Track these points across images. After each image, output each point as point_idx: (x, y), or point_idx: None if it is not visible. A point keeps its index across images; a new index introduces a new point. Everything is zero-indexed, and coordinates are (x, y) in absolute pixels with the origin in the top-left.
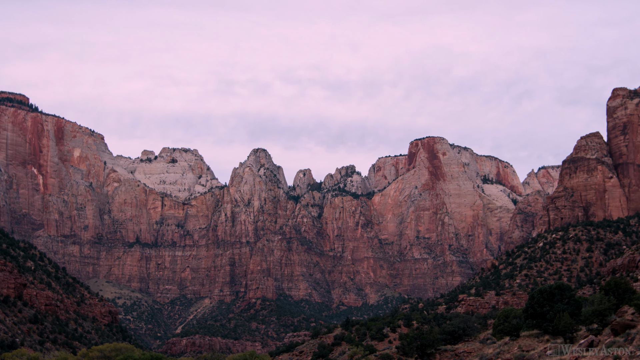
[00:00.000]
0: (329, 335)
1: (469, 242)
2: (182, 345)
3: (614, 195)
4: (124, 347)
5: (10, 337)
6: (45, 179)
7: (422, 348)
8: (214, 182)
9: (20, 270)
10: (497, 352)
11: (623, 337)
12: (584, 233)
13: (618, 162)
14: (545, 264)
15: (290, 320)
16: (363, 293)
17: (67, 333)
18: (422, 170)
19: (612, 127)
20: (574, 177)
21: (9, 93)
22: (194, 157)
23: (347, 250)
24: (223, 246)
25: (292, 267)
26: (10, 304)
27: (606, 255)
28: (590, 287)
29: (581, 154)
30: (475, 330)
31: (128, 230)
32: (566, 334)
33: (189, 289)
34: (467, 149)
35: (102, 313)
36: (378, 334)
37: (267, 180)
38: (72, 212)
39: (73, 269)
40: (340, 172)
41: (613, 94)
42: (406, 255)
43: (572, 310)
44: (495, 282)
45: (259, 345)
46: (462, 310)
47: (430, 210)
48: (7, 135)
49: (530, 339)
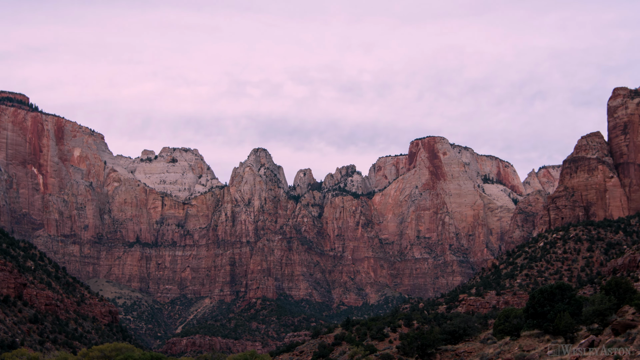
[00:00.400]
0: (329, 335)
1: (469, 241)
2: (183, 345)
3: (615, 195)
4: (124, 347)
5: (10, 337)
6: (45, 179)
7: (422, 348)
8: (214, 182)
9: (20, 270)
10: (497, 352)
11: (624, 337)
12: (584, 233)
13: (619, 161)
14: (546, 264)
15: (291, 320)
16: (363, 293)
17: (67, 333)
18: (422, 170)
19: (613, 126)
20: (575, 177)
21: (9, 92)
22: (194, 156)
23: (347, 250)
24: (223, 246)
25: (292, 266)
26: (10, 304)
27: (607, 255)
28: (590, 287)
29: (582, 153)
30: (476, 330)
31: (128, 230)
32: (567, 333)
33: (189, 288)
34: (467, 148)
35: (102, 313)
36: (378, 333)
37: (267, 180)
38: (72, 211)
39: (73, 268)
40: (340, 172)
41: (614, 93)
42: (406, 255)
43: (572, 310)
44: (495, 282)
45: (260, 345)
46: (463, 310)
47: (430, 210)
48: (7, 135)
49: (531, 339)
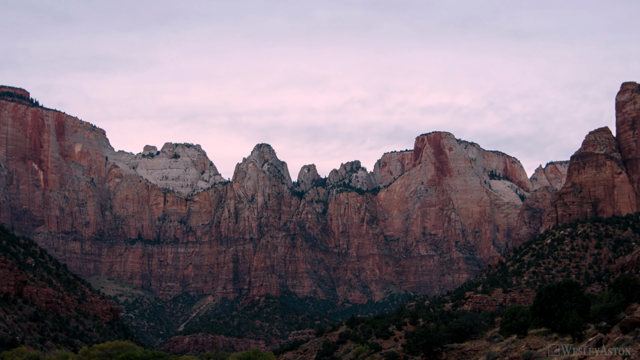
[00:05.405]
0: (333, 333)
1: (475, 238)
2: (185, 343)
3: (623, 191)
4: (126, 345)
5: (10, 335)
6: (46, 175)
7: (428, 346)
8: (217, 178)
9: (21, 267)
10: (504, 350)
11: (632, 335)
12: (592, 229)
13: (627, 157)
14: (553, 261)
15: (295, 318)
16: (368, 290)
17: (68, 331)
18: (428, 166)
19: (621, 121)
20: (583, 173)
21: (9, 87)
22: (197, 152)
23: (352, 247)
24: (226, 243)
25: (296, 264)
26: (10, 302)
27: (615, 251)
28: (598, 285)
29: (590, 149)
30: (482, 328)
31: (130, 227)
32: (574, 332)
33: (191, 286)
34: (474, 144)
35: (104, 311)
36: (384, 331)
37: (271, 175)
38: (73, 208)
39: (74, 266)
40: (345, 168)
41: (622, 88)
42: (412, 252)
43: (580, 307)
44: (502, 279)
45: (263, 344)
46: (469, 308)
47: (436, 207)
48: (7, 130)
49: (538, 337)
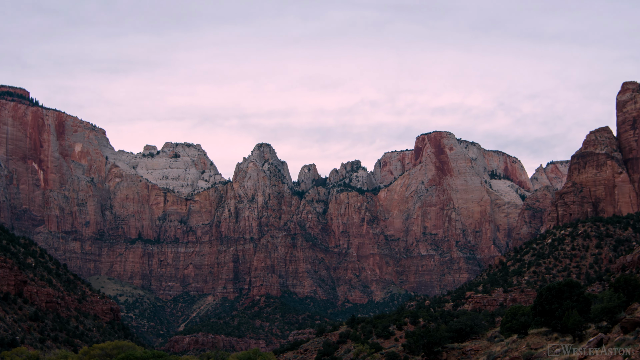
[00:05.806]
0: (334, 333)
1: (476, 238)
2: (185, 343)
3: (624, 190)
4: (126, 345)
5: (10, 334)
6: (46, 174)
7: (428, 346)
8: (218, 178)
9: (21, 267)
10: (505, 350)
11: (633, 335)
12: (593, 229)
13: (628, 157)
14: (554, 261)
15: (295, 318)
16: (369, 290)
17: (68, 331)
18: (428, 166)
19: (622, 121)
20: (583, 173)
21: (9, 87)
22: (197, 152)
23: (352, 247)
24: (226, 242)
25: (296, 263)
26: (10, 301)
27: (616, 251)
28: (599, 284)
29: (590, 149)
30: (483, 327)
31: (130, 227)
32: (575, 331)
33: (191, 286)
34: (474, 143)
35: (104, 310)
36: (384, 331)
37: (271, 175)
38: (73, 207)
39: (74, 265)
40: (345, 168)
41: (623, 87)
42: (412, 252)
43: (581, 307)
44: (503, 279)
45: (263, 343)
46: (470, 308)
47: (437, 206)
48: (7, 130)
49: (539, 337)
